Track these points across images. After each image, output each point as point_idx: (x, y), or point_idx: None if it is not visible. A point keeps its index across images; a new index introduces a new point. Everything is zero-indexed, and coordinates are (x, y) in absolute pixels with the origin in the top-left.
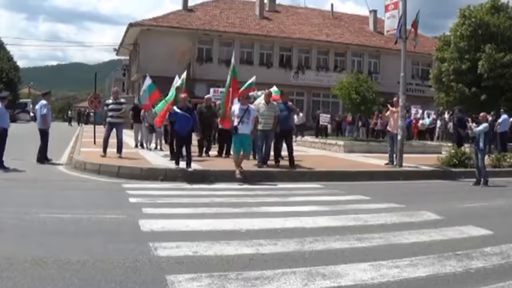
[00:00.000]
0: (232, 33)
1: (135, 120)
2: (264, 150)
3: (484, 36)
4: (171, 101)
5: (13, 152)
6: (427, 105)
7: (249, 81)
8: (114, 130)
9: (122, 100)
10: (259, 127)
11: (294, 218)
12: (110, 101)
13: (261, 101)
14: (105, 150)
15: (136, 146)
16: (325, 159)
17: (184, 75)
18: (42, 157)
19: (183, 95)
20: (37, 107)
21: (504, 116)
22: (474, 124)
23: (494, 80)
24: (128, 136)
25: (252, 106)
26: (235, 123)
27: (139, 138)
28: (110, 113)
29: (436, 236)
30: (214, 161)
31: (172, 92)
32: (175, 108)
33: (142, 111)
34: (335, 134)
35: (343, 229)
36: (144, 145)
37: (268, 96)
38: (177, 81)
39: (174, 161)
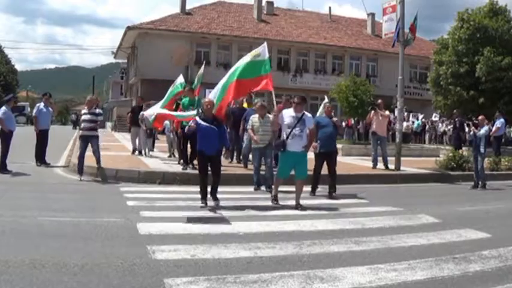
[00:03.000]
0: (230, 36)
1: (133, 124)
2: (264, 169)
3: (482, 39)
4: (170, 100)
5: (11, 155)
6: (425, 108)
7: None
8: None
9: (98, 111)
10: (253, 144)
11: (292, 221)
12: (84, 111)
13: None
14: (81, 171)
15: (133, 151)
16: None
17: (201, 69)
18: (39, 159)
19: (206, 100)
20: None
21: (501, 120)
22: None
23: (492, 83)
24: (126, 140)
25: (308, 114)
26: (284, 137)
27: (137, 143)
28: (82, 124)
29: (434, 239)
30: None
31: (170, 92)
32: (197, 119)
33: (141, 113)
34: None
35: (341, 232)
36: (142, 151)
37: (263, 109)
38: (178, 81)
39: (198, 191)
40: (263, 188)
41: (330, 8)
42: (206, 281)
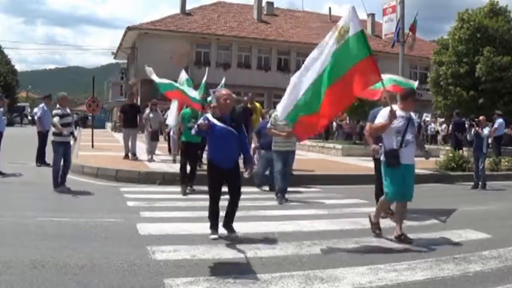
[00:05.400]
0: (230, 36)
1: (126, 125)
2: (280, 179)
3: (482, 39)
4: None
5: (11, 156)
6: (425, 108)
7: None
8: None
9: (68, 111)
10: (275, 147)
11: (291, 221)
12: (58, 111)
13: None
14: (57, 185)
15: (126, 156)
16: (323, 163)
17: (205, 78)
18: (39, 159)
19: (224, 92)
20: (35, 110)
21: (500, 120)
22: (482, 128)
23: (492, 83)
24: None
25: (412, 114)
26: (393, 145)
27: (130, 145)
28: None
29: (434, 239)
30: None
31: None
32: (209, 116)
33: (145, 113)
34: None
35: (341, 233)
36: (147, 156)
37: None
38: (182, 77)
39: (212, 224)
40: (265, 187)
41: (330, 8)
42: (206, 281)
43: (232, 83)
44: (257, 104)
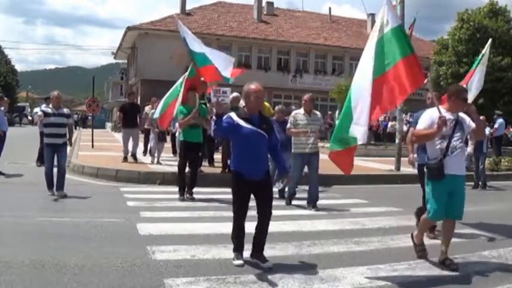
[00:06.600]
0: (230, 36)
1: (126, 125)
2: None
3: (482, 39)
4: (179, 97)
5: (11, 156)
6: (425, 108)
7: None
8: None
9: (66, 111)
10: (296, 149)
11: (292, 221)
12: (49, 110)
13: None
14: (50, 187)
15: (125, 159)
16: (323, 163)
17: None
18: (40, 159)
19: (253, 86)
20: (35, 109)
21: (500, 120)
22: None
23: (492, 83)
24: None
25: (461, 114)
26: (438, 153)
27: (129, 147)
28: (47, 129)
29: (434, 239)
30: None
31: (180, 84)
32: (233, 116)
33: (145, 111)
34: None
35: (341, 233)
36: (154, 159)
37: (310, 102)
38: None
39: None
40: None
41: (330, 8)
42: (206, 282)
43: (232, 83)
44: (266, 104)
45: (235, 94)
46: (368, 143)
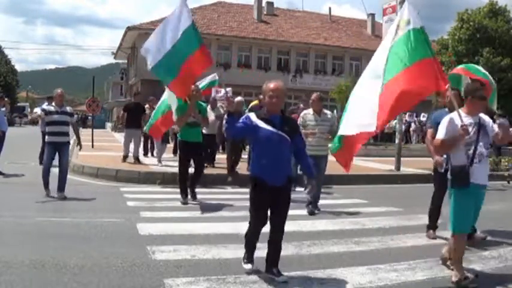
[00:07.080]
0: (230, 36)
1: (129, 125)
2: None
3: (482, 40)
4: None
5: (11, 156)
6: (425, 109)
7: (209, 79)
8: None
9: (69, 109)
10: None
11: (292, 221)
12: (52, 108)
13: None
14: (46, 186)
15: (124, 159)
16: None
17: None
18: (40, 158)
19: (271, 85)
20: (36, 109)
21: (501, 120)
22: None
23: None
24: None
25: (482, 115)
26: (464, 160)
27: (131, 148)
28: (49, 128)
29: (435, 239)
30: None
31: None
32: (251, 116)
33: (146, 113)
34: None
35: (341, 233)
36: (160, 162)
37: (318, 101)
38: (208, 79)
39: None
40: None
41: (330, 8)
42: (206, 282)
43: (232, 83)
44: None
45: (239, 98)
46: (368, 143)
